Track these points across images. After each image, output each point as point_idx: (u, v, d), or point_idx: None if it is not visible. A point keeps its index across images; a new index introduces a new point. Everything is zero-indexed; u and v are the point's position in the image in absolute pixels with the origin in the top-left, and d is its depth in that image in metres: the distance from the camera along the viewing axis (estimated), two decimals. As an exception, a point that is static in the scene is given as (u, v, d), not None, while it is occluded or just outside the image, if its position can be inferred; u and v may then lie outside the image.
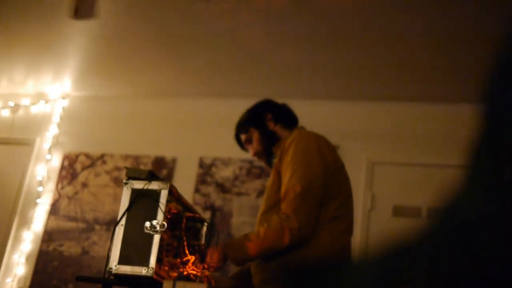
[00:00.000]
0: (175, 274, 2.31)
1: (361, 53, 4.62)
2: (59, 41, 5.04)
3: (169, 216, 2.34)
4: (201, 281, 2.35)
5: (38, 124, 6.05)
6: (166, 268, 2.31)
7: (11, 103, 6.10)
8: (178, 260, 2.41)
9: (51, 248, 5.47)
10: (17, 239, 5.57)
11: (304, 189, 2.44)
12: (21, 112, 6.13)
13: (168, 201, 2.34)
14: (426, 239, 0.46)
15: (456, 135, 4.49)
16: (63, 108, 6.05)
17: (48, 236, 5.52)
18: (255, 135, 2.85)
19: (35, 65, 5.58)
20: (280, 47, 4.71)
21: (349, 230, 2.60)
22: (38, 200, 5.66)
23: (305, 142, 2.60)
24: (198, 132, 5.58)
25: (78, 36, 4.92)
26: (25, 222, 5.61)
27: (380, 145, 5.11)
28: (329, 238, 2.47)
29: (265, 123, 2.86)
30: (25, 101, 6.10)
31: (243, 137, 2.90)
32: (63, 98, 6.05)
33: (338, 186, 2.59)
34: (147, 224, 2.26)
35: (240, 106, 3.06)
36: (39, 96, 6.08)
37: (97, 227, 5.43)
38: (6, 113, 6.14)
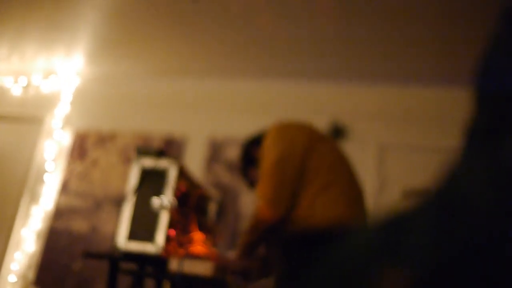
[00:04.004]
0: (182, 252, 2.31)
1: (373, 33, 4.56)
2: (70, 18, 5.03)
3: (177, 194, 2.34)
4: (208, 259, 2.36)
5: (49, 101, 6.05)
6: (174, 245, 2.31)
7: (22, 80, 6.11)
8: (186, 237, 2.42)
9: (61, 225, 5.50)
10: (27, 216, 5.60)
11: (269, 167, 2.49)
12: (32, 89, 6.13)
13: (177, 179, 2.34)
14: (423, 212, 0.45)
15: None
16: (74, 85, 6.05)
17: (58, 213, 5.55)
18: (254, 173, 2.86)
19: (47, 42, 5.57)
20: (293, 27, 4.66)
21: (343, 194, 2.51)
22: (48, 178, 5.69)
23: (269, 139, 2.63)
24: (209, 111, 5.56)
25: (90, 13, 4.90)
26: (35, 199, 5.64)
27: (390, 128, 5.07)
28: (322, 207, 2.45)
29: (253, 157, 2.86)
30: (36, 78, 6.11)
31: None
32: (74, 75, 6.04)
33: (319, 157, 2.58)
34: (156, 201, 2.26)
35: (252, 86, 3.04)
36: (50, 74, 6.07)
37: (106, 205, 5.45)
38: (17, 89, 6.15)
